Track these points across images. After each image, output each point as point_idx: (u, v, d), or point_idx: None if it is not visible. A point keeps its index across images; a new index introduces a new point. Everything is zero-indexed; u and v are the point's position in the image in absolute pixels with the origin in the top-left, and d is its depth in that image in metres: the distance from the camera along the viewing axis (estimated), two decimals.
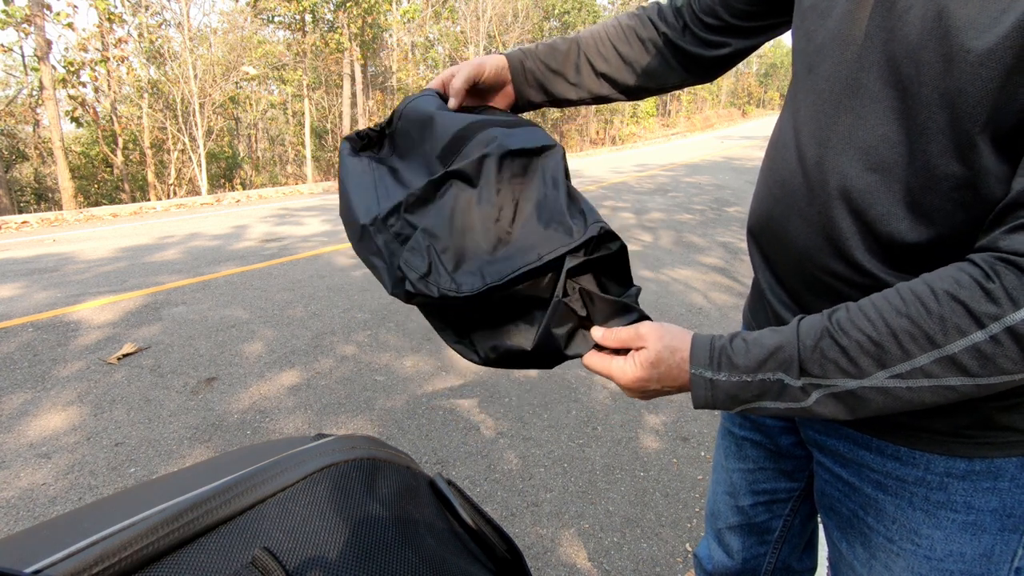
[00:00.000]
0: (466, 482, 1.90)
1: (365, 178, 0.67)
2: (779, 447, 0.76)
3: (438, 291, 0.56)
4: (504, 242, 0.59)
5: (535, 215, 0.59)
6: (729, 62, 0.76)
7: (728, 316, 3.40)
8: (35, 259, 4.68)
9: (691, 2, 0.74)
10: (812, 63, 0.54)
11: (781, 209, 0.57)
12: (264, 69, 14.97)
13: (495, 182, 0.59)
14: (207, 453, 2.08)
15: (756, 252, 0.65)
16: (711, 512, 0.89)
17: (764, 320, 0.68)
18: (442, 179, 0.60)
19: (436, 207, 0.60)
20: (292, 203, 8.13)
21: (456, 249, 0.58)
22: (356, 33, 14.93)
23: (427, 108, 0.68)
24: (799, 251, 0.56)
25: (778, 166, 0.58)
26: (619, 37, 0.76)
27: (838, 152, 0.51)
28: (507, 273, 0.55)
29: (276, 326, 3.23)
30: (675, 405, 2.39)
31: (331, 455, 0.33)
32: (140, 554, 0.25)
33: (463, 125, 0.63)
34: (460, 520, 0.36)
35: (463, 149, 0.61)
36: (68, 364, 2.75)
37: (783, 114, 0.61)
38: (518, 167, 0.60)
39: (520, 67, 0.76)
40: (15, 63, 13.45)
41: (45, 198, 14.98)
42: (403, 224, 0.61)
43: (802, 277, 0.57)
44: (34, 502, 1.81)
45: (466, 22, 17.84)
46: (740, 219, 6.31)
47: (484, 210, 0.59)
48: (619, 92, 0.79)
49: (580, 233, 0.55)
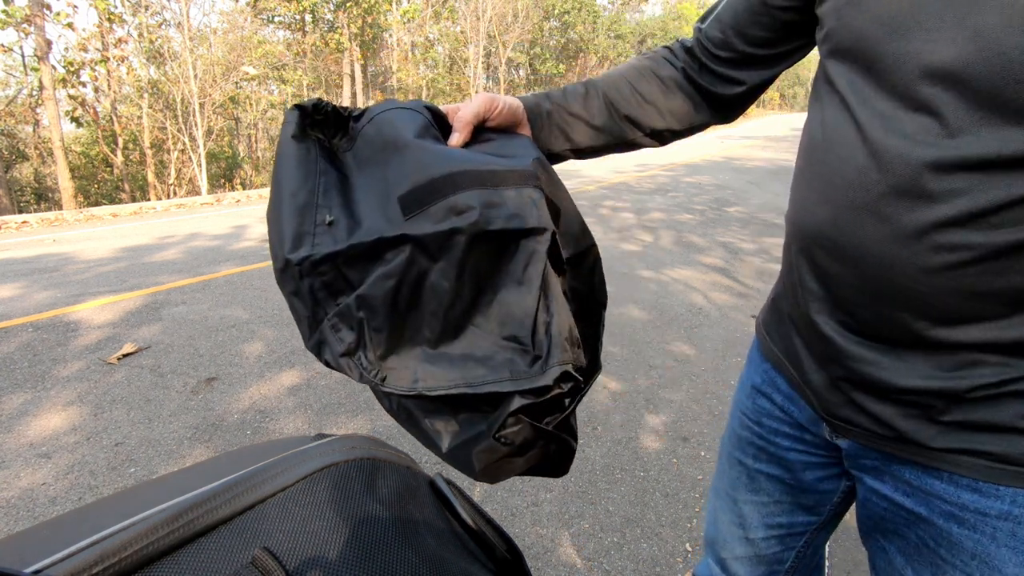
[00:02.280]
0: (466, 482, 1.90)
1: (305, 180, 0.53)
2: (801, 482, 0.70)
3: (359, 377, 0.49)
4: (449, 337, 0.50)
5: (495, 314, 0.50)
6: (750, 97, 0.71)
7: (728, 316, 3.40)
8: (35, 259, 4.68)
9: (701, 41, 0.69)
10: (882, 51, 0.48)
11: (846, 214, 0.51)
12: (264, 69, 14.96)
13: (459, 262, 0.48)
14: (207, 453, 2.08)
15: (808, 270, 0.57)
16: (713, 539, 0.84)
17: (796, 339, 0.62)
18: (396, 240, 0.49)
19: (381, 273, 0.49)
20: None
21: (392, 332, 0.50)
22: (356, 33, 14.93)
23: (403, 132, 0.54)
24: (877, 263, 0.49)
25: (835, 167, 0.52)
26: (637, 77, 0.71)
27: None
28: (442, 387, 0.48)
29: (276, 326, 3.23)
30: (675, 405, 2.39)
31: (331, 455, 0.33)
32: (140, 554, 0.25)
33: (443, 173, 0.50)
34: (460, 520, 0.36)
35: (432, 205, 0.49)
36: (68, 364, 2.75)
37: (827, 111, 0.54)
38: (493, 248, 0.49)
39: (537, 109, 0.68)
40: (15, 63, 13.44)
41: (45, 198, 14.98)
42: (336, 276, 0.51)
43: (878, 296, 0.50)
44: (34, 502, 1.81)
45: (466, 22, 17.84)
46: (740, 219, 6.31)
47: (438, 293, 0.49)
48: (645, 135, 0.73)
49: (538, 370, 0.46)
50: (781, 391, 0.68)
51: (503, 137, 0.62)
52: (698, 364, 2.78)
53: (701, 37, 0.69)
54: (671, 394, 2.48)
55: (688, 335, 3.13)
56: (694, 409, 2.36)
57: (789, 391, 0.67)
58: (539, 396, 0.47)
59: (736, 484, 0.78)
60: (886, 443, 0.55)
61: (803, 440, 0.67)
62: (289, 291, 0.52)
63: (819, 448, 0.67)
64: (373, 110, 0.58)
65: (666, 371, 2.70)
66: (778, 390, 0.69)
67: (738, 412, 0.77)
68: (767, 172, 10.21)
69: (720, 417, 2.30)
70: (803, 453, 0.68)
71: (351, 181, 0.55)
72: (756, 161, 11.97)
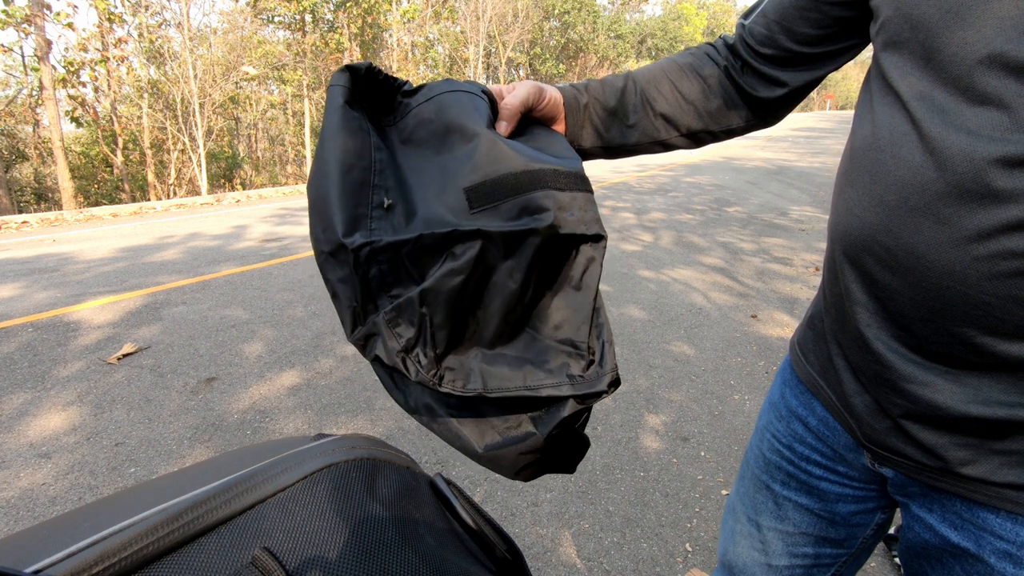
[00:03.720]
0: (466, 482, 1.90)
1: (359, 159, 0.48)
2: (833, 514, 0.65)
3: (416, 374, 0.46)
4: (507, 338, 0.49)
5: (553, 317, 0.50)
6: (792, 100, 0.67)
7: (728, 316, 3.40)
8: (35, 259, 4.68)
9: (744, 37, 0.65)
10: (938, 45, 0.45)
11: (901, 217, 0.46)
12: (264, 69, 14.97)
13: (528, 263, 0.47)
14: (207, 453, 2.08)
15: (857, 280, 0.52)
16: (732, 562, 0.79)
17: (838, 359, 0.58)
18: (469, 235, 0.46)
19: (450, 268, 0.45)
20: (292, 203, 8.13)
21: (453, 330, 0.47)
22: (356, 33, 14.93)
23: (474, 120, 0.51)
24: (937, 272, 0.44)
25: (887, 167, 0.48)
26: (677, 74, 0.68)
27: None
28: (502, 389, 0.47)
29: (276, 326, 3.23)
30: (675, 405, 2.39)
31: (331, 455, 0.33)
32: (140, 554, 0.25)
33: (518, 170, 0.48)
34: (460, 520, 0.36)
35: (505, 202, 0.47)
36: (68, 364, 2.75)
37: (879, 109, 0.50)
38: (559, 252, 0.49)
39: (575, 103, 0.65)
40: (15, 63, 13.44)
41: (45, 198, 14.98)
42: (395, 266, 0.46)
43: (939, 310, 0.45)
44: (34, 502, 1.81)
45: (466, 22, 17.84)
46: (740, 219, 6.31)
47: (503, 293, 0.47)
48: (680, 135, 0.69)
49: (595, 375, 0.47)
50: (817, 415, 0.64)
51: (544, 132, 0.59)
52: (698, 364, 2.78)
53: (744, 33, 0.65)
54: (671, 394, 2.48)
55: (688, 335, 3.13)
56: (694, 409, 2.36)
57: (825, 415, 0.63)
58: (593, 400, 0.47)
59: (761, 509, 0.73)
60: (936, 476, 0.51)
61: (837, 471, 0.63)
62: (336, 278, 0.46)
63: (855, 480, 0.62)
64: (434, 88, 0.55)
65: (666, 371, 2.70)
66: (814, 414, 0.64)
67: (768, 434, 0.72)
68: (767, 172, 10.21)
69: (720, 417, 2.30)
70: (836, 484, 0.64)
71: (405, 169, 0.51)
72: (756, 161, 11.96)
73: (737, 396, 2.47)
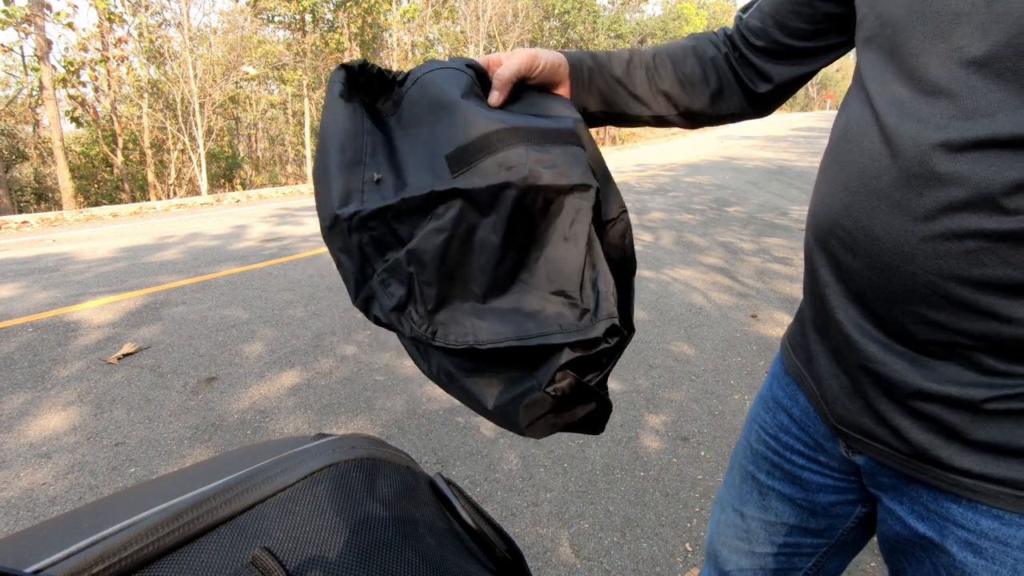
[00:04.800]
0: (466, 482, 1.90)
1: (353, 141, 0.53)
2: (813, 504, 0.67)
3: (410, 331, 0.50)
4: (498, 292, 0.51)
5: (543, 269, 0.51)
6: (782, 94, 0.70)
7: (728, 316, 3.41)
8: (35, 259, 4.68)
9: (740, 29, 0.69)
10: (899, 41, 0.48)
11: (860, 201, 0.49)
12: (264, 69, 14.97)
13: (508, 217, 0.49)
14: (207, 453, 2.08)
15: (824, 263, 0.55)
16: (717, 552, 0.81)
17: (816, 345, 0.60)
18: (447, 194, 0.49)
19: (432, 228, 0.49)
20: (292, 203, 8.13)
21: (442, 286, 0.50)
22: (356, 33, 14.93)
23: (450, 91, 0.54)
24: (889, 252, 0.47)
25: (852, 156, 0.51)
26: (681, 56, 0.71)
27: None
28: (493, 340, 0.48)
29: (276, 326, 3.23)
30: (675, 405, 2.39)
31: (331, 455, 0.33)
32: (140, 554, 0.25)
33: (490, 130, 0.51)
34: (460, 520, 0.36)
35: (481, 161, 0.50)
36: (68, 364, 2.75)
37: (852, 104, 0.54)
38: (541, 204, 0.50)
39: (580, 66, 0.67)
40: (15, 63, 13.45)
41: (45, 198, 14.99)
42: (386, 231, 0.51)
43: (892, 289, 0.48)
44: (34, 502, 1.81)
45: (466, 22, 17.84)
46: (740, 219, 6.31)
47: (488, 248, 0.50)
48: (678, 114, 0.72)
49: (588, 323, 0.48)
50: (800, 405, 0.66)
51: (543, 96, 0.61)
52: (698, 364, 2.78)
53: (741, 25, 0.69)
54: (671, 394, 2.48)
55: (688, 335, 3.13)
56: (694, 409, 2.36)
57: (807, 406, 0.65)
58: (589, 349, 0.47)
59: (746, 499, 0.75)
60: (904, 460, 0.53)
61: (818, 461, 0.65)
62: (337, 248, 0.51)
63: (835, 471, 0.64)
64: (416, 72, 0.58)
65: (666, 371, 2.70)
66: (797, 404, 0.67)
67: (755, 426, 0.75)
68: (767, 172, 10.21)
69: (720, 417, 2.30)
70: (817, 474, 0.66)
71: (396, 145, 0.55)
72: (756, 161, 11.96)
73: (737, 396, 2.47)
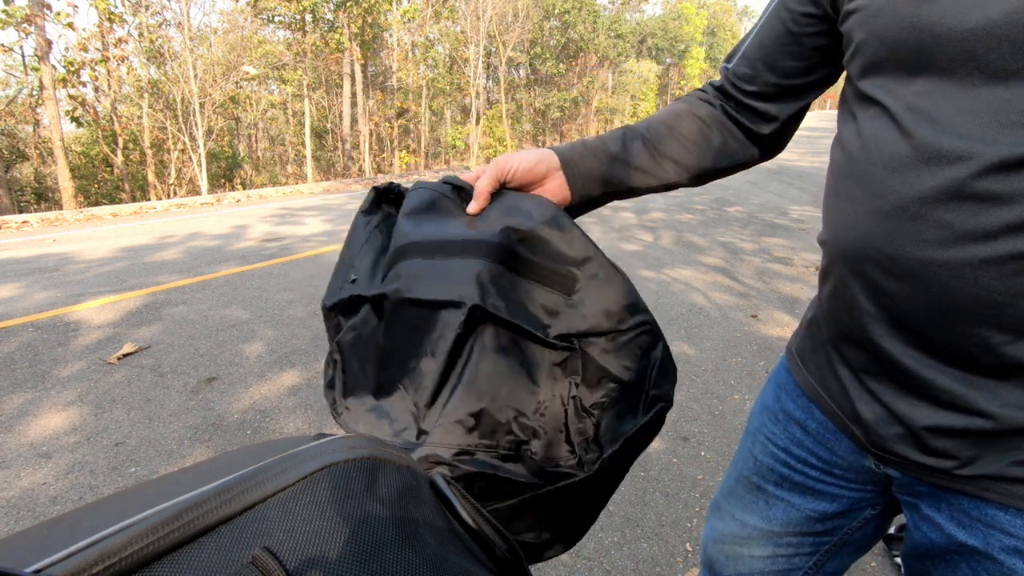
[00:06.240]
0: None
1: (352, 246, 0.62)
2: (823, 513, 0.66)
3: (331, 408, 0.57)
4: (385, 392, 0.54)
5: (412, 381, 0.53)
6: (788, 130, 0.70)
7: (728, 316, 3.41)
8: (35, 259, 4.68)
9: (730, 79, 0.68)
10: (929, 55, 0.46)
11: (901, 226, 0.47)
12: (264, 69, 14.97)
13: (387, 324, 0.54)
14: (207, 453, 2.08)
15: (862, 289, 0.52)
16: (711, 558, 0.81)
17: (841, 368, 0.58)
18: (359, 298, 0.57)
19: (350, 324, 0.57)
20: (292, 203, 8.13)
21: (352, 376, 0.56)
22: (356, 33, 14.94)
23: (406, 207, 0.61)
24: (944, 275, 0.45)
25: (880, 177, 0.49)
26: (675, 119, 0.70)
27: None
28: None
29: (276, 326, 3.23)
30: (675, 405, 2.39)
31: (331, 454, 0.33)
32: (140, 554, 0.25)
33: (401, 244, 0.57)
34: (460, 520, 0.36)
35: (389, 271, 0.56)
36: (68, 364, 2.75)
37: (864, 124, 0.52)
38: (415, 316, 0.53)
39: (570, 155, 0.67)
40: (15, 63, 13.46)
41: (45, 198, 15.00)
42: (337, 324, 0.60)
43: (948, 313, 0.46)
44: (34, 502, 1.81)
45: (466, 22, 17.84)
46: (740, 219, 6.32)
47: (377, 351, 0.55)
48: (689, 176, 0.70)
49: (409, 444, 0.49)
50: (816, 419, 0.65)
51: (517, 198, 0.63)
52: (698, 364, 2.78)
53: (730, 75, 0.68)
54: None
55: (688, 335, 3.13)
56: (694, 409, 2.36)
57: (824, 419, 0.63)
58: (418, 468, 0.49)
59: (749, 509, 0.74)
60: (945, 477, 0.51)
61: (833, 474, 0.64)
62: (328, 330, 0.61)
63: (851, 482, 0.63)
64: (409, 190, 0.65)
65: None
66: (812, 418, 0.65)
67: (762, 437, 0.72)
68: (767, 172, 10.20)
69: (720, 417, 2.30)
70: (832, 485, 0.64)
71: (381, 250, 0.62)
72: None
73: (737, 396, 2.47)
